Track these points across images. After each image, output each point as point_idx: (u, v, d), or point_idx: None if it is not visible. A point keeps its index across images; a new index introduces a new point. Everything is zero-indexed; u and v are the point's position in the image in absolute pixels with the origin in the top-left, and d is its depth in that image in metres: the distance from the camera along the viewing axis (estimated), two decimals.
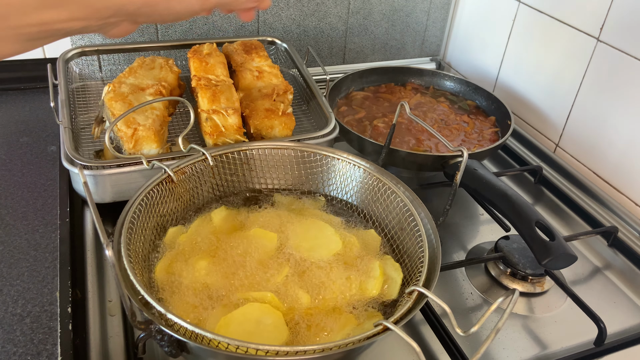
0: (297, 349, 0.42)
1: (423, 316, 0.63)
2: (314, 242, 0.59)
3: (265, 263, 0.57)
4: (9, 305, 0.57)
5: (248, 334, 0.49)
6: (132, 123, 0.70)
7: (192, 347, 0.45)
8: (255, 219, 0.63)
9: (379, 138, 0.86)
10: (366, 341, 0.45)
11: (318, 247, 0.59)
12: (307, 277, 0.55)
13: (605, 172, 0.86)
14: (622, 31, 0.80)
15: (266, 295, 0.52)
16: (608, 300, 0.70)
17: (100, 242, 0.68)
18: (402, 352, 0.60)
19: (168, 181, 0.60)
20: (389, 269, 0.58)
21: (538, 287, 0.69)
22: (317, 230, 0.61)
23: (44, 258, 0.63)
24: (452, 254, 0.75)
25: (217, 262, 0.56)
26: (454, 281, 0.70)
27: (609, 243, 0.78)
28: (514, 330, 0.64)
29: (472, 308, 0.66)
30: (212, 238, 0.59)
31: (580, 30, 0.87)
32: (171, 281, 0.54)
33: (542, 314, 0.67)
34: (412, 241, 0.58)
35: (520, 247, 0.71)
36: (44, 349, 0.53)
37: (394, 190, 0.62)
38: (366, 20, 1.13)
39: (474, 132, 0.92)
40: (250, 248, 0.58)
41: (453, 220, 0.81)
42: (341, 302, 0.54)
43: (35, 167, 0.78)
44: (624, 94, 0.81)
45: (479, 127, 0.93)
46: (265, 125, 0.76)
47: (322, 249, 0.59)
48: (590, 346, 0.62)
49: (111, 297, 0.63)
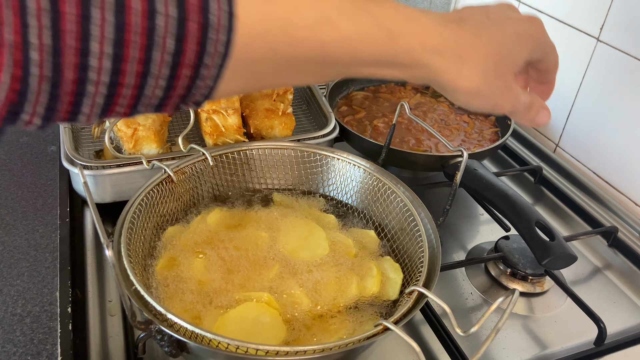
0: (297, 349, 0.42)
1: (423, 316, 0.63)
2: (305, 243, 0.59)
3: (261, 263, 0.57)
4: (9, 305, 0.57)
5: (246, 333, 0.49)
6: (132, 123, 0.70)
7: (192, 347, 0.45)
8: (252, 218, 0.63)
9: (379, 138, 0.86)
10: (366, 341, 0.45)
11: (308, 248, 0.59)
12: (304, 277, 0.56)
13: (605, 172, 0.86)
14: (622, 31, 0.80)
15: (262, 295, 0.52)
16: (608, 300, 0.70)
17: (100, 242, 0.68)
18: (402, 352, 0.60)
19: (168, 181, 0.60)
20: (389, 269, 0.58)
21: (538, 287, 0.69)
22: (309, 232, 0.61)
23: (44, 258, 0.63)
24: (452, 254, 0.75)
25: (214, 262, 0.56)
26: (454, 281, 0.70)
27: (609, 243, 0.78)
28: (514, 330, 0.64)
29: (472, 308, 0.66)
30: (209, 238, 0.59)
31: (580, 30, 0.87)
32: (170, 281, 0.54)
33: (542, 314, 0.67)
34: (412, 241, 0.58)
35: (520, 247, 0.71)
36: (44, 349, 0.53)
37: (394, 191, 0.62)
38: None
39: (474, 132, 0.92)
40: (247, 248, 0.58)
41: (453, 220, 0.81)
42: (339, 301, 0.54)
43: (35, 167, 0.78)
44: (624, 94, 0.81)
45: (479, 127, 0.93)
46: (265, 125, 0.76)
47: (311, 250, 0.59)
48: (590, 346, 0.62)
49: (111, 297, 0.63)
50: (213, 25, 0.27)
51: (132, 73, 0.27)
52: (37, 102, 0.26)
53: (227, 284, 0.54)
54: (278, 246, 0.59)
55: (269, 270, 0.56)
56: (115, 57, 0.26)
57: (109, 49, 0.26)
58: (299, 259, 0.57)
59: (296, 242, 0.59)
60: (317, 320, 0.52)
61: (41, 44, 0.24)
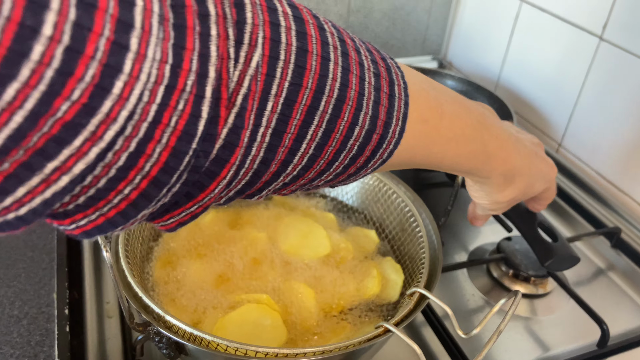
0: (297, 351, 0.42)
1: (424, 318, 0.62)
2: (306, 242, 0.59)
3: (261, 263, 0.56)
4: (5, 307, 0.56)
5: (247, 335, 0.48)
6: None
7: (190, 349, 0.44)
8: (251, 218, 0.62)
9: None
10: (367, 343, 0.44)
11: (309, 247, 0.58)
12: (304, 278, 0.55)
13: (608, 172, 0.85)
14: (626, 30, 0.79)
15: (262, 297, 0.52)
16: (611, 302, 0.69)
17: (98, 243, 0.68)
18: (404, 354, 0.59)
19: None
20: (390, 270, 0.57)
21: (540, 289, 0.68)
22: (309, 230, 0.60)
23: (41, 259, 0.62)
24: (453, 255, 0.74)
25: (213, 263, 0.55)
26: (456, 282, 0.70)
27: (612, 244, 0.77)
28: (516, 332, 0.64)
29: (474, 310, 0.66)
30: (208, 238, 0.59)
31: (583, 29, 0.86)
32: (169, 282, 0.53)
33: (545, 315, 0.66)
34: (413, 242, 0.58)
35: (523, 248, 0.70)
36: (41, 350, 0.53)
37: (394, 191, 0.62)
38: (367, 18, 1.13)
39: None
40: (246, 248, 0.58)
41: (455, 221, 0.81)
42: (340, 302, 0.53)
43: None
44: (627, 94, 0.80)
45: None
46: None
47: (311, 249, 0.58)
48: (593, 348, 0.62)
49: (109, 299, 0.62)
50: (387, 138, 0.33)
51: (318, 167, 0.32)
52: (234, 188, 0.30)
53: (226, 285, 0.53)
54: (278, 246, 0.58)
55: (269, 271, 0.55)
56: (312, 157, 0.31)
57: (311, 150, 0.30)
58: (299, 259, 0.57)
59: (296, 241, 0.59)
60: (318, 321, 0.52)
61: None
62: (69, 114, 0.19)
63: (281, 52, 0.26)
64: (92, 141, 0.20)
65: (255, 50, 0.25)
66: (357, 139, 0.31)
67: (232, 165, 0.27)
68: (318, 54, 0.28)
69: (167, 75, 0.22)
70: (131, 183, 0.24)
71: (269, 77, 0.26)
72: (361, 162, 0.33)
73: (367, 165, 0.34)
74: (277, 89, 0.27)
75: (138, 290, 0.45)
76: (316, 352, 0.42)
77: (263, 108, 0.27)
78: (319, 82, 0.28)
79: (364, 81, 0.31)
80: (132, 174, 0.23)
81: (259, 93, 0.26)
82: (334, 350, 0.42)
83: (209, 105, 0.24)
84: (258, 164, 0.28)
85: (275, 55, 0.26)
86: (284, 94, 0.27)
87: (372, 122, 0.31)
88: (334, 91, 0.29)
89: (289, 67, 0.27)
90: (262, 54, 0.26)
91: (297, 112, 0.28)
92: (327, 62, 0.29)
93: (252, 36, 0.25)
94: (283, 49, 0.27)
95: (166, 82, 0.22)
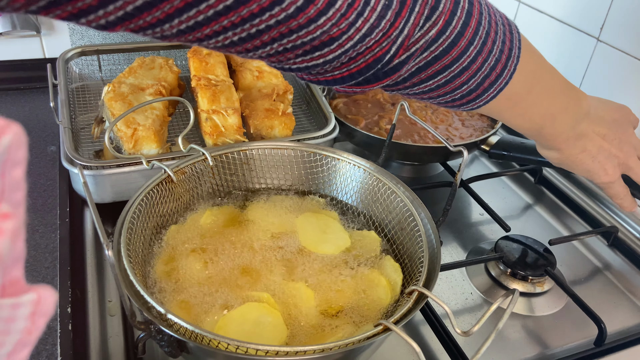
0: (297, 349, 0.42)
1: (423, 316, 0.63)
2: (324, 237, 0.60)
3: (261, 262, 0.57)
4: None
5: (247, 333, 0.49)
6: (131, 123, 0.70)
7: (192, 347, 0.45)
8: (253, 218, 0.63)
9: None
10: (366, 341, 0.45)
11: (328, 242, 0.59)
12: (305, 277, 0.56)
13: None
14: (623, 31, 0.80)
15: (262, 296, 0.52)
16: (608, 300, 0.70)
17: (100, 242, 0.68)
18: (403, 352, 0.60)
19: (168, 181, 0.60)
20: (389, 269, 0.58)
21: (538, 287, 0.69)
22: (326, 226, 0.61)
23: (43, 258, 0.63)
24: (452, 253, 0.75)
25: (214, 262, 0.56)
26: (454, 281, 0.70)
27: (609, 243, 0.78)
28: (514, 330, 0.64)
29: (472, 308, 0.66)
30: (210, 238, 0.59)
31: (580, 30, 0.87)
32: (171, 281, 0.54)
33: (542, 314, 0.67)
34: (412, 241, 0.58)
35: (521, 247, 0.71)
36: (44, 349, 0.53)
37: (394, 191, 0.62)
38: None
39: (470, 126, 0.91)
40: (247, 247, 0.58)
41: (453, 220, 0.81)
42: (340, 301, 0.54)
43: (35, 167, 0.78)
44: (624, 94, 0.81)
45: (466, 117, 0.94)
46: (265, 125, 0.76)
47: (332, 243, 0.59)
48: (591, 346, 0.62)
49: (111, 297, 0.63)
50: (512, 57, 0.45)
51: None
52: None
53: (227, 283, 0.54)
54: (278, 246, 0.59)
55: (270, 270, 0.56)
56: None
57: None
58: (311, 256, 0.58)
59: (316, 236, 0.60)
60: (318, 320, 0.52)
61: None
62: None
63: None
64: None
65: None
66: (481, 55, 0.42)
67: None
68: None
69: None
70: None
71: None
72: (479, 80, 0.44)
73: (506, 67, 0.45)
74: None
75: (140, 289, 0.45)
76: (316, 350, 0.42)
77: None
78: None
79: (497, 25, 0.43)
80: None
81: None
82: (333, 348, 0.43)
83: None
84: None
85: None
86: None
87: (497, 55, 0.43)
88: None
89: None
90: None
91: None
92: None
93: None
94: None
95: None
